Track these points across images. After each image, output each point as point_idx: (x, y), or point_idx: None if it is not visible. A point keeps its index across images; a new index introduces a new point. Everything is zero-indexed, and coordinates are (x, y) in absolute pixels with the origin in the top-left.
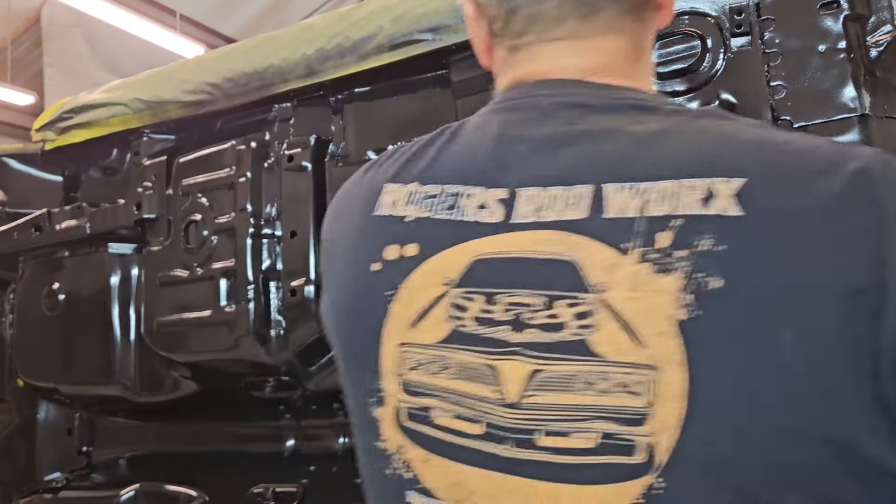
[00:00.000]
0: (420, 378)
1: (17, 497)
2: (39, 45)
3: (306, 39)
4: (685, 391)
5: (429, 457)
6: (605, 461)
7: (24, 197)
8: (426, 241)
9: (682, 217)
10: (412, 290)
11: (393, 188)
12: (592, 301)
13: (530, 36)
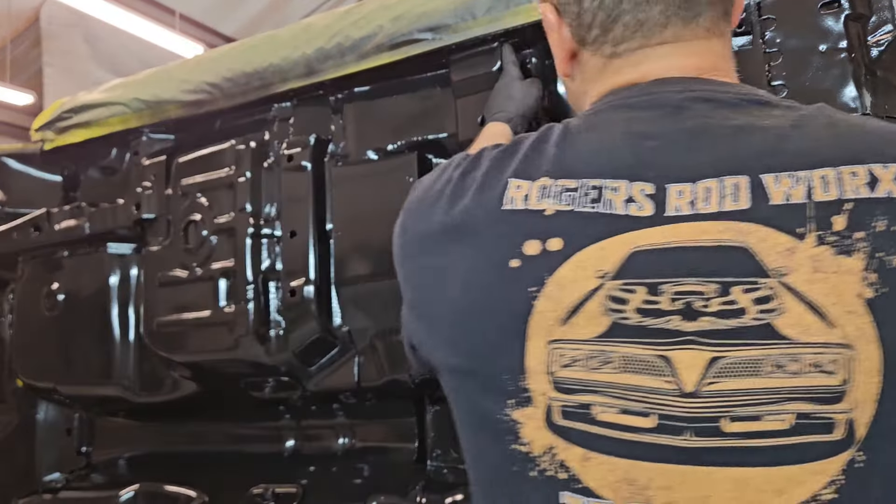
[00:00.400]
0: (576, 374)
1: (16, 497)
2: (39, 45)
3: (306, 39)
4: (880, 366)
5: (588, 455)
6: (800, 441)
7: (23, 197)
8: (571, 234)
9: (853, 201)
10: (560, 285)
11: (520, 183)
12: (773, 285)
13: (634, 42)
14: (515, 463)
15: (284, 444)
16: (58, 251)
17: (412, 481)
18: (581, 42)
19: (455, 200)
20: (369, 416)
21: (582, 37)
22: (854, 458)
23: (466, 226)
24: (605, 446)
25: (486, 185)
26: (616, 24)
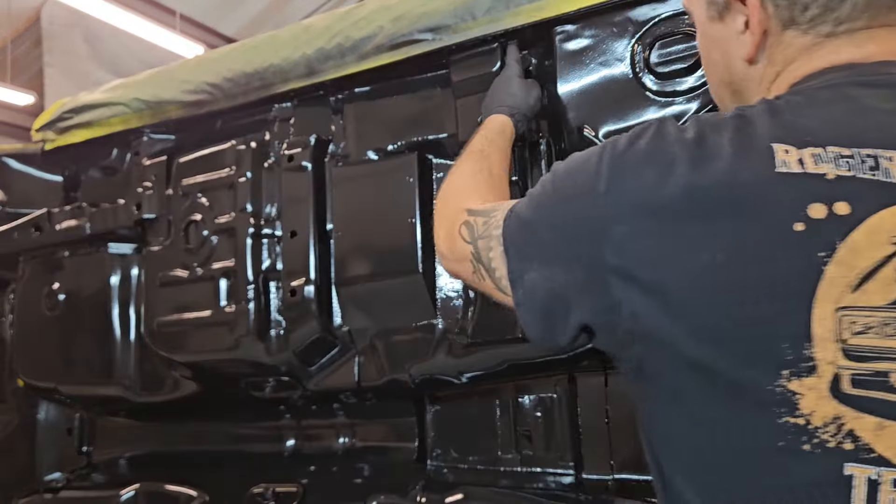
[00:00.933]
0: (870, 342)
1: (17, 497)
2: (39, 45)
3: (306, 39)
4: None
5: (884, 423)
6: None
7: (24, 197)
8: (858, 199)
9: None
10: (853, 250)
11: (787, 147)
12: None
13: (860, 22)
14: (784, 437)
15: (285, 443)
16: (59, 251)
17: (412, 481)
18: (788, 22)
19: (702, 163)
20: (369, 416)
21: (792, 16)
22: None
23: (732, 189)
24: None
25: (745, 148)
26: (844, 4)
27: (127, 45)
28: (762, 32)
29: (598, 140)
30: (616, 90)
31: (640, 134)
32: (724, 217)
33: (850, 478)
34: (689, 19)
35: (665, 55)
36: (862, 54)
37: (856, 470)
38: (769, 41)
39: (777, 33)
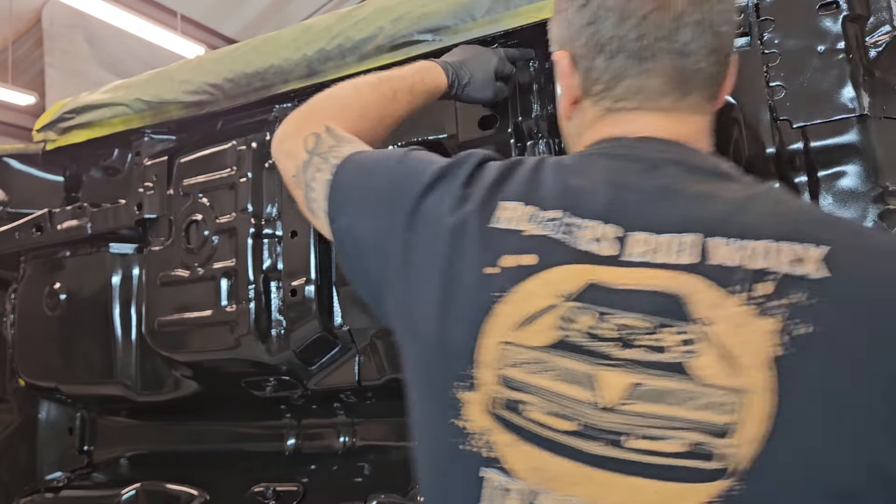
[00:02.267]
0: (519, 375)
1: (18, 496)
2: (40, 46)
3: (307, 40)
4: (773, 413)
5: (516, 442)
6: (690, 464)
7: (25, 197)
8: (544, 255)
9: (779, 273)
10: (525, 295)
11: (511, 205)
12: (697, 331)
13: (632, 103)
14: (453, 434)
15: (285, 442)
16: (60, 251)
17: (413, 480)
18: (586, 92)
19: (462, 204)
20: (370, 415)
21: (588, 88)
22: (732, 487)
23: (463, 231)
24: (529, 438)
25: (486, 200)
26: (619, 85)
27: (128, 46)
28: (573, 97)
29: None
30: None
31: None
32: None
33: (482, 479)
34: None
35: None
36: (628, 130)
37: (488, 474)
38: (580, 104)
39: (582, 100)
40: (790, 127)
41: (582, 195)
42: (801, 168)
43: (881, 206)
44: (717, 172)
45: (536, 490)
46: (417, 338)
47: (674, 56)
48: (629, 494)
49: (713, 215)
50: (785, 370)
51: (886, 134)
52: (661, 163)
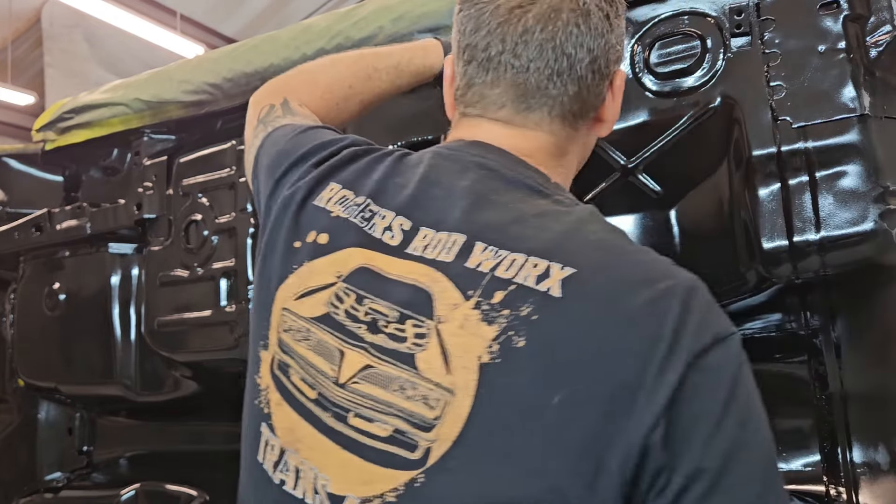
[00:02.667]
0: (287, 340)
1: (17, 497)
2: (40, 46)
3: (306, 39)
4: (466, 416)
5: (281, 402)
6: (393, 451)
7: (24, 197)
8: (339, 237)
9: (517, 284)
10: (312, 270)
11: (335, 187)
12: (430, 327)
13: (475, 110)
14: (253, 391)
15: None
16: (59, 251)
17: None
18: (454, 97)
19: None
20: None
21: (454, 92)
22: (416, 478)
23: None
24: (289, 400)
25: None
26: (469, 92)
27: (127, 46)
28: (448, 100)
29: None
30: None
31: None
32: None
33: (260, 434)
34: (688, 19)
35: (665, 55)
36: (468, 134)
37: (263, 429)
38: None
39: (455, 106)
40: (791, 127)
41: (393, 187)
42: (802, 168)
43: (882, 205)
44: (527, 185)
45: (286, 448)
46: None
47: (515, 71)
48: (341, 468)
49: (489, 221)
50: (486, 377)
51: (887, 134)
52: (472, 166)
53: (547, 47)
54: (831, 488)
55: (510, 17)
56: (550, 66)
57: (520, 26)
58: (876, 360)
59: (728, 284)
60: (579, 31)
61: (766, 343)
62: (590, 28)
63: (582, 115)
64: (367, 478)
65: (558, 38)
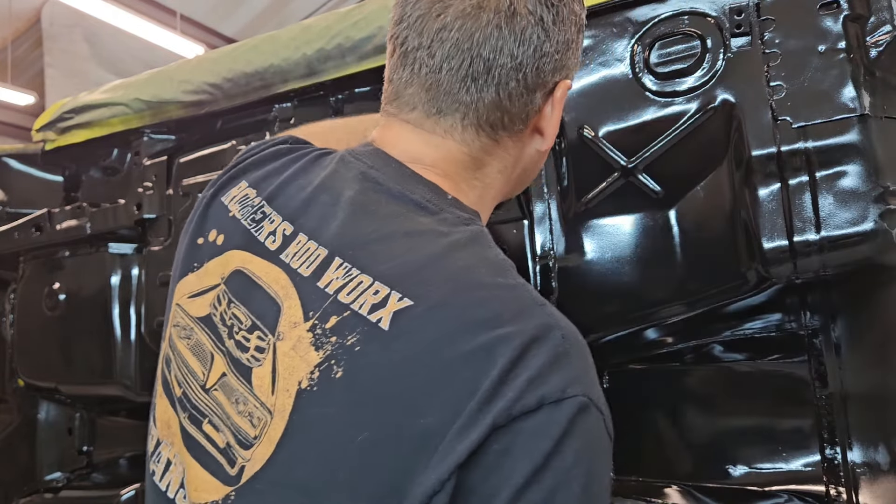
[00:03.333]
0: (174, 335)
1: (17, 497)
2: (40, 46)
3: (306, 40)
4: (277, 440)
5: (161, 395)
6: (221, 462)
7: (24, 197)
8: (230, 238)
9: (351, 311)
10: (207, 271)
11: (243, 185)
12: (269, 343)
13: (393, 108)
14: (155, 384)
15: None
16: (59, 251)
17: None
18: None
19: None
20: None
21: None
22: (230, 495)
23: (202, 201)
24: (167, 393)
25: (233, 178)
26: (389, 87)
27: (127, 46)
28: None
29: (597, 140)
30: (616, 90)
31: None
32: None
33: (150, 426)
34: (688, 19)
35: (665, 55)
36: (380, 137)
37: (152, 421)
38: None
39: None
40: (791, 127)
41: (293, 189)
42: (802, 168)
43: (882, 206)
44: (413, 200)
45: (161, 440)
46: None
47: (428, 70)
48: (188, 469)
49: (356, 236)
50: (301, 403)
51: (887, 134)
52: (361, 176)
53: (462, 47)
54: (831, 488)
55: (430, 10)
56: (464, 67)
57: (438, 21)
58: (876, 360)
59: (728, 284)
60: (500, 34)
61: (766, 343)
62: (514, 32)
63: (504, 126)
64: (201, 485)
65: (475, 39)
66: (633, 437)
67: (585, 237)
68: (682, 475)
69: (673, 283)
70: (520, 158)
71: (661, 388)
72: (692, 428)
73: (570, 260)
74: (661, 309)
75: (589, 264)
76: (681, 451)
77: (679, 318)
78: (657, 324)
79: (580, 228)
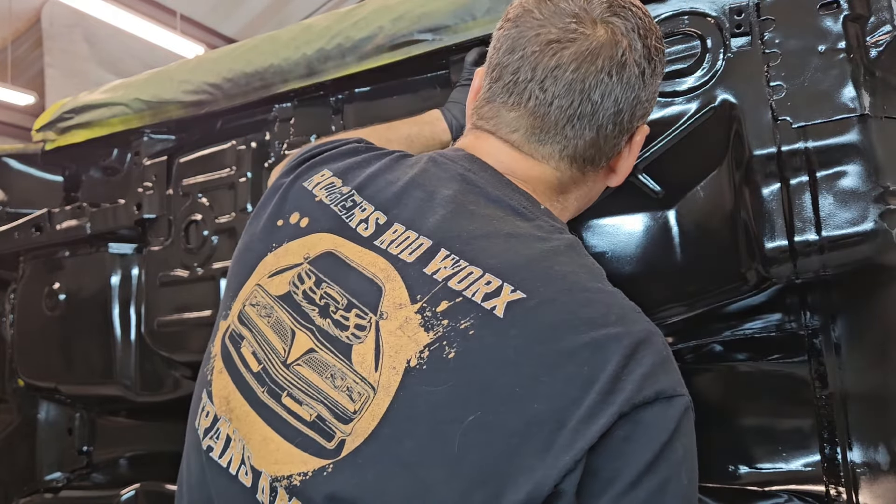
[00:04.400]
0: (251, 314)
1: (17, 497)
2: (40, 46)
3: (306, 39)
4: (381, 416)
5: (223, 370)
6: (311, 435)
7: (24, 197)
8: (315, 221)
9: (464, 298)
10: (287, 250)
11: (327, 174)
12: (371, 321)
13: (490, 125)
14: (205, 359)
15: None
16: (59, 251)
17: None
18: (475, 105)
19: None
20: None
21: (474, 103)
22: (325, 467)
23: (280, 186)
24: (231, 369)
25: (314, 166)
26: (487, 106)
27: (127, 46)
28: (471, 107)
29: None
30: None
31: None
32: (264, 202)
33: (200, 399)
34: (688, 19)
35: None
36: (473, 145)
37: (205, 397)
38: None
39: (473, 111)
40: (791, 127)
41: (382, 183)
42: (802, 168)
43: (882, 205)
44: (510, 205)
45: (220, 416)
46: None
47: (538, 103)
48: (262, 443)
49: (460, 231)
50: (409, 381)
51: (887, 134)
52: (458, 178)
53: (575, 88)
54: (831, 488)
55: (547, 48)
56: (574, 107)
57: (554, 60)
58: (876, 360)
59: (728, 284)
60: (611, 80)
61: (766, 343)
62: (622, 80)
63: (593, 162)
64: (282, 457)
65: (588, 82)
66: None
67: (585, 237)
68: None
69: (673, 283)
70: (593, 190)
71: None
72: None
73: None
74: (661, 309)
75: None
76: None
77: (679, 318)
78: (657, 324)
79: (580, 229)
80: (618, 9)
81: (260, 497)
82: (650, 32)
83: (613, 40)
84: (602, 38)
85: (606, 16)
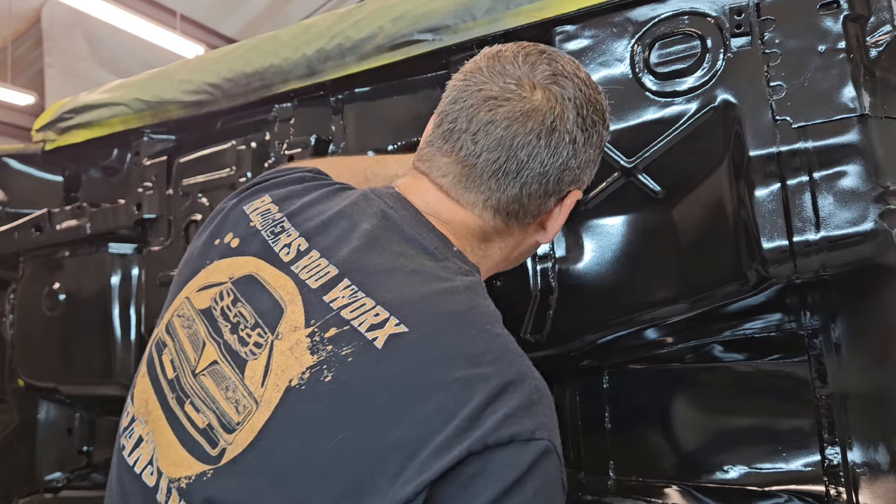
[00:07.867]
0: (176, 324)
1: (17, 497)
2: (40, 46)
3: (307, 39)
4: (259, 429)
5: (144, 375)
6: (200, 441)
7: (24, 197)
8: (246, 244)
9: (351, 327)
10: (217, 268)
11: (266, 199)
12: (268, 341)
13: (424, 167)
14: (139, 364)
15: None
16: (59, 251)
17: None
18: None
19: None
20: None
21: (421, 144)
22: (206, 472)
23: (223, 208)
24: (151, 374)
25: (256, 192)
26: (427, 149)
27: (127, 46)
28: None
29: None
30: (616, 90)
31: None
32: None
33: (127, 403)
34: (688, 19)
35: (665, 55)
36: (406, 186)
37: (130, 399)
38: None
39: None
40: (791, 127)
41: (313, 213)
42: (802, 168)
43: (882, 205)
44: (421, 245)
45: (136, 417)
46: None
47: (467, 153)
48: (166, 446)
49: (366, 264)
50: (288, 398)
51: (887, 134)
52: (381, 214)
53: (504, 144)
54: (831, 488)
55: (484, 104)
56: (500, 162)
57: (489, 115)
58: (876, 360)
59: (728, 284)
60: (538, 143)
61: (766, 343)
62: (549, 145)
63: (517, 217)
64: (178, 460)
65: (517, 141)
66: (632, 436)
67: (585, 237)
68: (682, 475)
69: (673, 283)
70: (520, 244)
71: (660, 388)
72: (692, 428)
73: (571, 260)
74: (660, 309)
75: (589, 264)
76: (681, 451)
77: (679, 318)
78: (657, 324)
79: (580, 228)
80: (560, 78)
81: (159, 497)
82: (590, 104)
83: (548, 106)
84: (537, 103)
85: (547, 83)
